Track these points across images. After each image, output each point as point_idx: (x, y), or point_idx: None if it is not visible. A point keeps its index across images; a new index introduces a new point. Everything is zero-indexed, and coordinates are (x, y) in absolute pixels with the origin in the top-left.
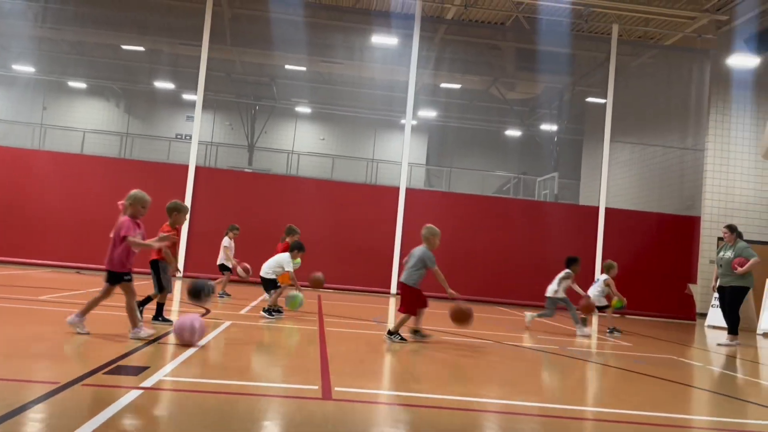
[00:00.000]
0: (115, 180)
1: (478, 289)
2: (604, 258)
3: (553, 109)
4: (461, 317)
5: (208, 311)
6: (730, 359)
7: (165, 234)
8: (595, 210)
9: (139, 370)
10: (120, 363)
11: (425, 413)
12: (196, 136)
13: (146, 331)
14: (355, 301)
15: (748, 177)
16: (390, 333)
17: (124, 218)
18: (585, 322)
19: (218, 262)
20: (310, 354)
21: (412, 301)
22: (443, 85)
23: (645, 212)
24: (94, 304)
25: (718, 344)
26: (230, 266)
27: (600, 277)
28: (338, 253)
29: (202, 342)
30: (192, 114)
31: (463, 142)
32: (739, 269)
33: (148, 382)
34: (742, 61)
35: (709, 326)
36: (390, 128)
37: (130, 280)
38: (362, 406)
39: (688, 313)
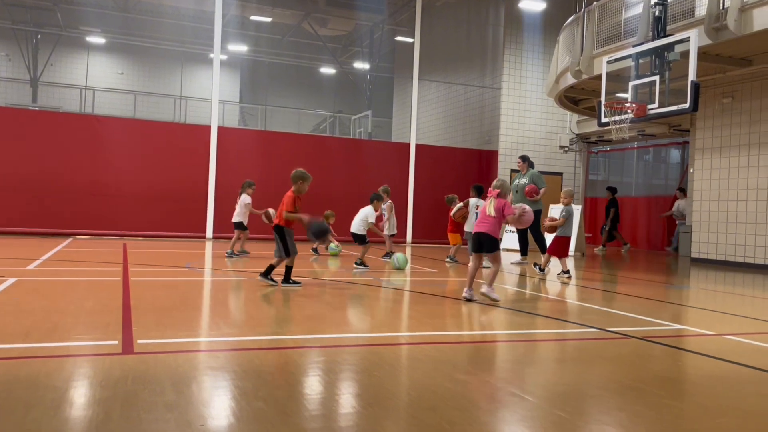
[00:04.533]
0: None
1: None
2: (416, 191)
3: (365, 47)
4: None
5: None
6: (522, 278)
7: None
8: (407, 146)
9: None
10: None
11: (237, 356)
12: None
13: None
14: (166, 247)
15: (537, 114)
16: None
17: None
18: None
19: (236, 220)
20: (110, 307)
21: None
22: (253, 17)
23: (451, 147)
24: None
25: (512, 263)
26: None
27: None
28: (146, 198)
29: None
30: None
31: (278, 80)
32: (535, 197)
33: None
34: (531, 4)
35: (504, 249)
36: (198, 63)
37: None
38: (167, 357)
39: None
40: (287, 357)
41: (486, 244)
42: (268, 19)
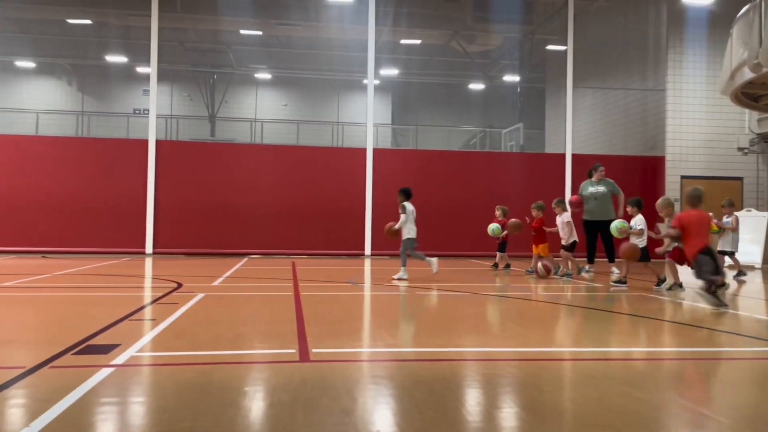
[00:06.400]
0: (73, 160)
1: (454, 244)
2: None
3: (515, 60)
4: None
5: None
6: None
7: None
8: (562, 157)
9: (110, 348)
10: (90, 342)
11: (404, 367)
12: (153, 109)
13: None
14: (329, 264)
15: (708, 114)
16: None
17: None
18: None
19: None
20: (286, 319)
21: None
22: (403, 41)
23: (611, 156)
24: None
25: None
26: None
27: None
28: (309, 219)
29: (175, 316)
30: (148, 87)
31: (427, 99)
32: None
33: (120, 360)
34: None
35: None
36: (353, 89)
37: None
38: (340, 365)
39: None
40: (455, 369)
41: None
42: (418, 42)
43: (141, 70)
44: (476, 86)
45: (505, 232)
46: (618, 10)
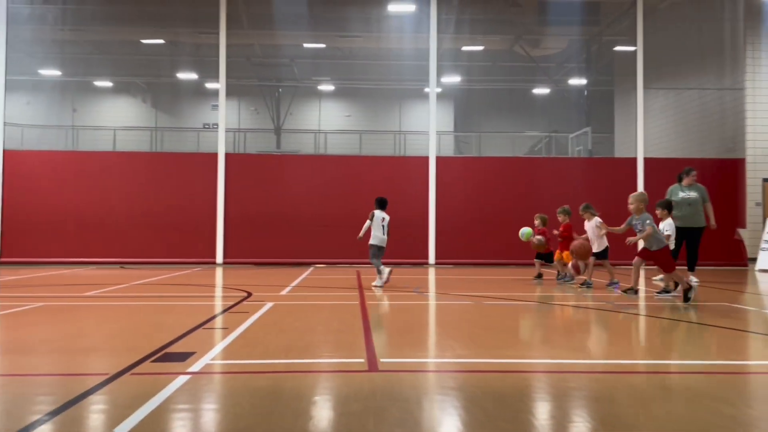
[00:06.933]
0: (148, 174)
1: (519, 253)
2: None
3: (581, 62)
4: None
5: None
6: None
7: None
8: (633, 161)
9: (186, 356)
10: (167, 350)
11: (473, 378)
12: (222, 123)
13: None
14: (392, 274)
15: None
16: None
17: None
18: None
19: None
20: (353, 328)
21: None
22: (465, 48)
23: (686, 158)
24: None
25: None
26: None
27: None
28: None
29: (246, 325)
30: (217, 102)
31: (490, 105)
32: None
33: (195, 367)
34: None
35: (760, 270)
36: (415, 98)
37: None
38: (409, 375)
39: (739, 258)
40: (526, 380)
41: None
42: (480, 48)
43: (210, 85)
44: (541, 91)
45: (538, 241)
46: (690, 7)
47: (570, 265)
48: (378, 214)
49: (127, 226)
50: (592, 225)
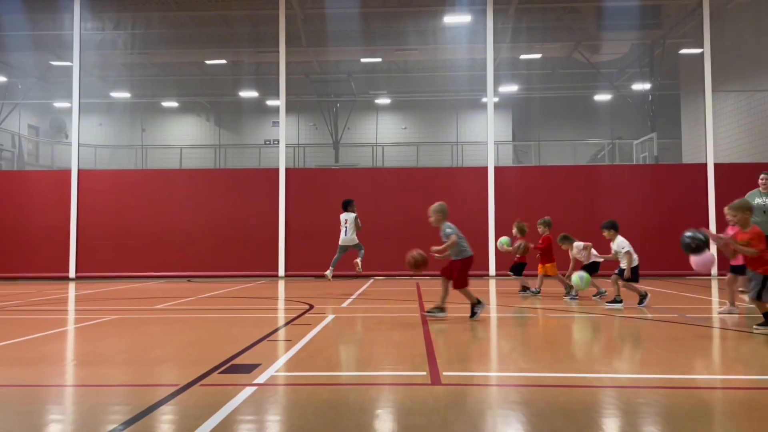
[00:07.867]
0: (213, 190)
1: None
2: (718, 214)
3: (644, 67)
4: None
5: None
6: None
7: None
8: (703, 167)
9: (252, 368)
10: (233, 362)
11: (539, 392)
12: (282, 140)
13: None
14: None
15: None
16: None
17: None
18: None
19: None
20: (414, 341)
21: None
22: (523, 56)
23: (761, 164)
24: None
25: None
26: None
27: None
28: (431, 239)
29: (309, 337)
30: (277, 119)
31: (550, 113)
32: None
33: (261, 379)
34: None
35: None
36: (472, 108)
37: None
38: (473, 389)
39: None
40: (593, 396)
41: None
42: (538, 56)
43: (270, 103)
44: (602, 97)
45: (517, 248)
46: (759, 5)
47: (557, 277)
48: (346, 215)
49: (194, 241)
50: (579, 249)
